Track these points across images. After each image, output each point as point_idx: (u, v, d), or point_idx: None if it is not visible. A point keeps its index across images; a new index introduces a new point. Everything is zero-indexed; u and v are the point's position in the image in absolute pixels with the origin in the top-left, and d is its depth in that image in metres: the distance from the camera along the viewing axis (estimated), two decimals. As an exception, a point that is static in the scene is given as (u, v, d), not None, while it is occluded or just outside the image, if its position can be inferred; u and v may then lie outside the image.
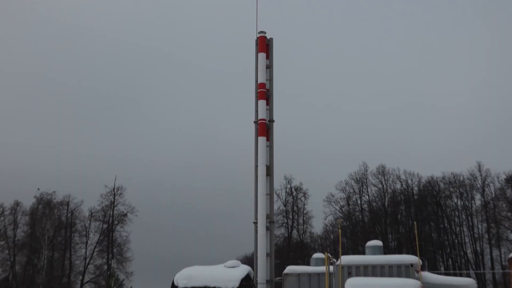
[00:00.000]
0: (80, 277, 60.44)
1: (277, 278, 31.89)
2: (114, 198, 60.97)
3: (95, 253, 60.96)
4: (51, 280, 58.02)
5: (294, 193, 67.67)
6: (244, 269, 28.51)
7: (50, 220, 60.93)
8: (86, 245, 62.36)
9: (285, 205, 67.23)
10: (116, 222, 60.72)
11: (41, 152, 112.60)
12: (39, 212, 63.91)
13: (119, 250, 59.78)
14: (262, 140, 34.92)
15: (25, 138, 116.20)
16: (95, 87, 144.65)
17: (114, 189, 61.17)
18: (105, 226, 61.26)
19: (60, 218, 64.09)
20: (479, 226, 63.84)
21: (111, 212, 60.90)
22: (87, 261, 60.80)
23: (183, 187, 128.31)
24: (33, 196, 63.86)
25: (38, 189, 68.58)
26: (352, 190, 69.24)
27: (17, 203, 67.21)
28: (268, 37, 37.58)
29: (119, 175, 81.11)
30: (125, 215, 60.88)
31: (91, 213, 63.23)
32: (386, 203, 67.81)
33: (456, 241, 64.41)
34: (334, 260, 21.48)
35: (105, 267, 57.43)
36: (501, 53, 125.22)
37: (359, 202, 69.30)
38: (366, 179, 69.18)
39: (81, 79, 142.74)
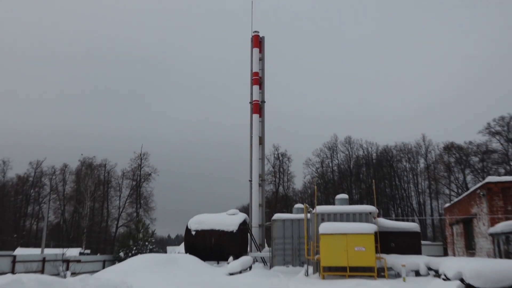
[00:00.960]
0: (115, 222, 61.09)
1: (267, 223, 32.29)
2: (141, 161, 61.08)
3: (126, 204, 61.44)
4: (93, 224, 58.52)
5: (281, 158, 67.85)
6: (241, 216, 28.83)
7: (91, 178, 61.07)
8: (119, 198, 62.88)
9: (273, 167, 67.47)
10: (142, 180, 60.89)
11: (84, 125, 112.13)
12: (83, 172, 64.10)
13: (145, 201, 60.21)
14: (255, 117, 35.12)
15: (73, 115, 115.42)
16: (123, 78, 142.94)
17: (141, 154, 61.30)
18: (134, 183, 61.48)
19: (99, 177, 64.33)
20: (422, 183, 64.47)
21: (139, 172, 61.04)
22: (121, 210, 61.37)
23: (195, 154, 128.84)
24: (78, 160, 64.40)
25: (82, 154, 68.85)
26: (325, 156, 69.50)
27: (65, 165, 67.41)
28: (260, 36, 37.54)
29: (144, 144, 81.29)
30: (150, 174, 61.15)
31: (123, 173, 63.52)
32: (351, 166, 68.13)
33: (404, 195, 65.03)
34: (311, 209, 21.64)
35: (134, 214, 57.82)
36: (449, 40, 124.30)
37: (330, 165, 69.65)
38: (336, 147, 69.39)
39: (115, 72, 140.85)
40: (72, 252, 35.05)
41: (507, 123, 55.73)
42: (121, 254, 32.55)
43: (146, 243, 35.04)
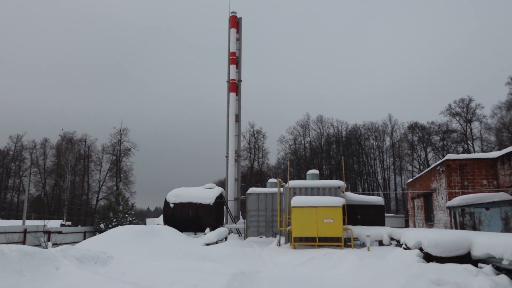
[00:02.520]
0: (96, 195, 60.33)
1: (242, 196, 32.48)
2: (121, 137, 59.99)
3: (106, 178, 60.49)
4: (73, 197, 57.55)
5: (256, 135, 67.81)
6: (218, 190, 28.89)
7: (72, 152, 59.68)
8: (100, 172, 61.79)
9: (249, 144, 67.46)
10: (122, 155, 59.99)
11: (65, 100, 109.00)
12: (63, 147, 62.64)
13: (125, 175, 59.43)
14: (232, 95, 34.87)
15: (55, 92, 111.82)
16: (104, 53, 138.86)
17: (121, 130, 60.18)
18: (114, 157, 60.42)
19: (79, 152, 62.97)
20: (388, 160, 65.65)
21: (119, 147, 60.03)
22: (101, 183, 60.42)
23: (174, 131, 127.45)
24: (58, 135, 62.82)
25: (62, 129, 67.03)
26: (298, 133, 69.79)
27: (45, 140, 65.66)
28: (238, 17, 36.95)
29: (125, 119, 79.91)
30: (129, 149, 60.21)
31: (103, 148, 62.33)
32: (322, 143, 68.68)
33: (370, 170, 66.18)
34: (284, 183, 21.84)
35: (115, 188, 57.15)
36: (416, 26, 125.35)
37: (303, 142, 70.06)
38: (308, 125, 69.68)
39: (101, 49, 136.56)
40: (53, 224, 34.50)
41: (466, 105, 57.09)
42: (102, 225, 32.26)
43: (126, 215, 34.79)
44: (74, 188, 60.01)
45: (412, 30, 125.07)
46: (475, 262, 9.07)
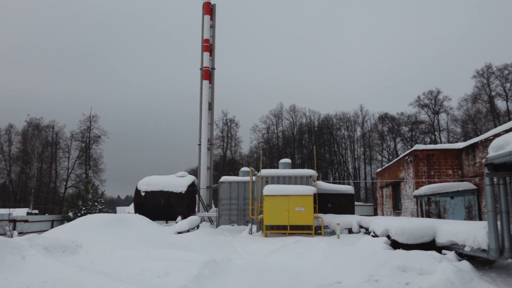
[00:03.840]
0: (64, 183, 58.84)
1: (215, 185, 32.44)
2: (90, 123, 58.55)
3: (75, 165, 59.03)
4: (40, 185, 56.00)
5: (229, 124, 67.61)
6: (190, 178, 28.72)
7: (39, 139, 57.95)
8: (68, 159, 60.14)
9: (221, 132, 67.20)
10: (92, 142, 58.64)
11: (31, 85, 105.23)
12: (29, 133, 60.59)
13: (95, 163, 58.17)
14: (205, 83, 34.57)
15: (20, 74, 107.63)
16: (74, 37, 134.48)
17: (90, 116, 58.70)
18: (83, 145, 58.99)
19: (46, 138, 61.07)
20: (358, 150, 66.86)
21: (88, 134, 58.62)
22: (69, 171, 58.92)
23: (146, 117, 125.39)
24: (24, 120, 60.62)
25: (28, 115, 64.79)
26: (271, 122, 70.01)
27: (10, 125, 63.25)
28: (212, 3, 36.49)
29: (94, 106, 77.90)
30: (99, 137, 58.92)
31: (72, 135, 60.60)
32: (295, 132, 69.15)
33: (342, 160, 67.24)
34: (256, 172, 21.92)
35: (84, 175, 55.89)
36: (389, 18, 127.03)
37: (275, 131, 70.34)
38: (281, 115, 69.96)
39: (71, 31, 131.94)
40: (19, 212, 33.57)
41: (435, 97, 58.63)
42: (70, 214, 31.61)
43: (96, 204, 34.19)
44: (41, 176, 58.36)
45: (385, 23, 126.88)
46: (439, 248, 9.40)
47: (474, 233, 7.86)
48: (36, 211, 43.41)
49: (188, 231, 20.82)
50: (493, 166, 7.24)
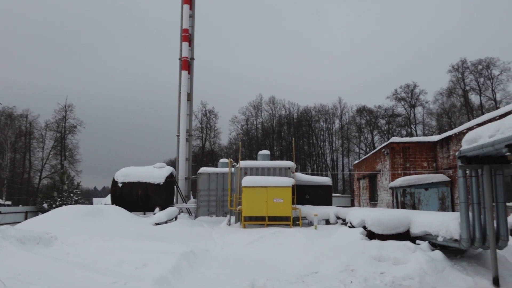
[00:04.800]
0: (39, 174, 57.48)
1: (193, 176, 32.30)
2: (65, 113, 57.19)
3: (50, 156, 57.63)
4: (14, 175, 54.59)
5: (208, 115, 67.27)
6: (168, 169, 28.51)
7: (12, 128, 56.30)
8: (43, 149, 58.62)
9: (200, 123, 66.85)
10: (67, 132, 57.34)
11: (2, 71, 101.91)
12: (2, 123, 58.76)
13: (70, 153, 56.95)
14: (184, 73, 34.22)
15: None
16: (51, 23, 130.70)
17: (65, 106, 57.35)
18: (58, 135, 57.63)
19: (20, 128, 59.37)
20: (336, 142, 67.58)
21: (63, 124, 57.27)
22: (44, 161, 57.48)
23: (123, 108, 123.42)
24: (-4, 110, 58.67)
25: (0, 103, 62.68)
26: (250, 114, 70.01)
27: (-19, 115, 61.30)
28: (191, -8, 35.98)
29: (70, 95, 76.06)
30: (75, 127, 57.65)
31: (47, 124, 59.04)
32: (274, 124, 69.34)
33: (320, 152, 67.87)
34: (235, 163, 21.91)
35: (59, 166, 54.74)
36: (368, 11, 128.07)
37: (255, 122, 70.38)
38: (261, 106, 70.02)
39: (47, 16, 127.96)
40: (-9, 204, 32.74)
41: (411, 91, 59.69)
42: (45, 205, 31.02)
43: (71, 195, 33.64)
44: (14, 166, 56.81)
45: (364, 18, 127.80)
46: (413, 239, 9.63)
47: (447, 224, 8.08)
48: (9, 203, 42.36)
49: (166, 222, 20.71)
50: (466, 158, 7.43)
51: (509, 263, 7.89)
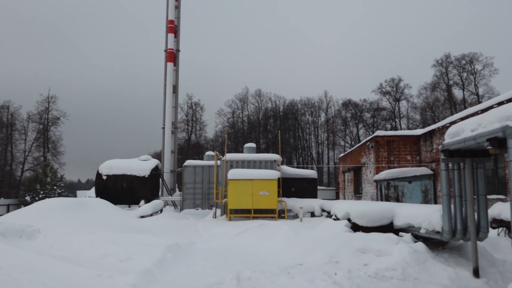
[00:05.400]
0: (21, 166, 56.46)
1: (179, 168, 32.16)
2: (48, 104, 56.19)
3: (33, 148, 56.60)
4: (-5, 168, 53.66)
5: (194, 107, 66.90)
6: (153, 162, 28.29)
7: (-8, 120, 55.20)
8: (25, 141, 57.52)
9: (186, 116, 66.46)
10: (50, 124, 56.38)
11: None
12: (-18, 114, 57.55)
13: (54, 145, 56.05)
14: (170, 65, 33.94)
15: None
16: (34, 11, 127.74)
17: (48, 97, 56.33)
18: (41, 126, 56.63)
19: (1, 119, 58.14)
20: (322, 135, 67.93)
21: (46, 116, 56.29)
22: (26, 153, 56.48)
23: (108, 99, 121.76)
24: (-24, 100, 57.27)
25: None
26: (236, 106, 69.85)
27: (-39, 106, 59.80)
28: (177, -17, 35.56)
29: (53, 86, 74.73)
30: (58, 118, 56.71)
31: (29, 116, 57.92)
32: (260, 117, 69.35)
33: (306, 145, 68.15)
34: (221, 156, 21.87)
35: (42, 158, 53.88)
36: (354, 9, 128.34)
37: (241, 115, 70.27)
38: (247, 99, 69.93)
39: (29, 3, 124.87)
40: (-28, 197, 32.14)
41: (396, 85, 60.25)
42: (27, 198, 30.56)
43: (55, 187, 33.20)
44: (-4, 159, 55.80)
45: (350, 11, 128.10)
46: (397, 231, 9.78)
47: (429, 216, 8.21)
48: (-10, 195, 41.66)
49: (151, 215, 20.60)
50: (448, 152, 7.54)
51: (489, 254, 8.07)
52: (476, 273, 7.22)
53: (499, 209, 10.92)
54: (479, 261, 7.37)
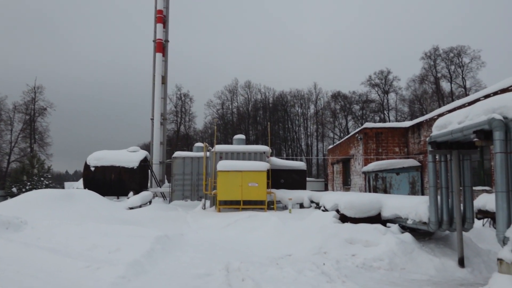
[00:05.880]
0: (7, 157, 55.69)
1: (168, 160, 32.05)
2: (35, 95, 55.30)
3: (19, 139, 55.76)
4: (-20, 159, 52.82)
5: (183, 98, 66.51)
6: (142, 153, 28.16)
7: (-23, 110, 54.14)
8: (11, 132, 56.54)
9: (175, 107, 66.04)
10: (37, 114, 55.56)
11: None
12: (-34, 104, 56.40)
13: (40, 136, 55.30)
14: (159, 56, 33.65)
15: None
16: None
17: (34, 87, 55.42)
18: (27, 117, 55.77)
19: (-14, 110, 57.13)
20: (311, 127, 68.13)
21: (33, 106, 55.42)
22: (12, 144, 55.66)
23: (96, 90, 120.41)
24: (-40, 90, 56.34)
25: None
26: (226, 98, 69.56)
27: None
28: (166, -28, 35.09)
29: (39, 76, 73.51)
30: (45, 109, 55.89)
31: (15, 106, 56.93)
32: (249, 109, 69.19)
33: (295, 136, 68.27)
34: (210, 148, 21.83)
35: (29, 150, 53.18)
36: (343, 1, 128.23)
37: (230, 107, 70.03)
38: (236, 90, 69.68)
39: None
40: (-43, 188, 31.66)
41: (385, 77, 60.54)
42: (14, 189, 30.21)
43: (42, 179, 32.84)
44: (-19, 149, 54.90)
45: (340, 3, 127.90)
46: (384, 222, 9.89)
47: (416, 207, 8.32)
48: (-24, 187, 41.07)
49: (140, 206, 20.55)
50: (436, 144, 7.63)
51: (474, 244, 8.22)
52: (461, 263, 7.36)
53: (484, 200, 11.10)
54: (464, 251, 7.50)
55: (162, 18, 33.96)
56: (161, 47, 33.64)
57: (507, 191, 5.68)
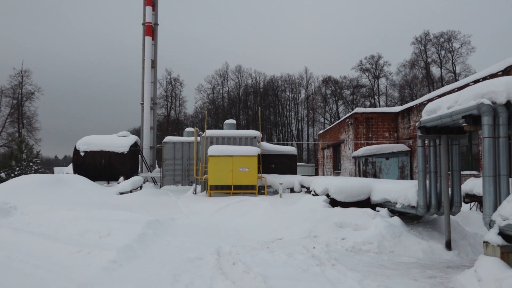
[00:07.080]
0: (-6, 142, 55.08)
1: (158, 145, 31.91)
2: (22, 79, 54.40)
3: (7, 124, 55.01)
4: (-33, 143, 52.01)
5: (173, 83, 65.98)
6: (132, 138, 27.98)
7: (-37, 94, 53.13)
8: (-2, 116, 56.06)
9: (165, 91, 65.56)
10: (24, 99, 54.75)
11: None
12: (-48, 88, 55.27)
13: (28, 121, 54.58)
14: (148, 39, 33.21)
15: None
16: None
17: (21, 71, 54.47)
18: (15, 101, 54.94)
19: (-28, 94, 56.09)
20: (302, 112, 68.18)
21: (20, 91, 54.57)
22: (0, 129, 55.10)
23: (85, 73, 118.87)
24: None
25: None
26: (216, 82, 69.19)
27: None
28: (155, -46, 34.40)
29: (26, 59, 72.03)
30: (33, 93, 55.05)
31: (2, 91, 55.96)
32: (240, 93, 68.93)
33: (286, 121, 68.30)
34: (201, 132, 21.77)
35: (17, 134, 52.55)
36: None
37: (221, 91, 69.70)
38: (227, 75, 69.29)
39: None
40: None
41: (376, 62, 60.57)
42: (3, 175, 29.90)
43: (31, 164, 32.51)
44: (-33, 134, 54.11)
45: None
46: (374, 206, 10.00)
47: (405, 191, 8.42)
48: (-36, 172, 40.59)
49: (130, 191, 20.51)
50: (425, 129, 7.68)
51: (461, 227, 8.37)
52: (448, 245, 7.50)
53: (471, 185, 11.27)
54: (452, 234, 7.64)
55: (151, 0, 33.44)
56: (150, 30, 33.19)
57: (494, 175, 5.76)
